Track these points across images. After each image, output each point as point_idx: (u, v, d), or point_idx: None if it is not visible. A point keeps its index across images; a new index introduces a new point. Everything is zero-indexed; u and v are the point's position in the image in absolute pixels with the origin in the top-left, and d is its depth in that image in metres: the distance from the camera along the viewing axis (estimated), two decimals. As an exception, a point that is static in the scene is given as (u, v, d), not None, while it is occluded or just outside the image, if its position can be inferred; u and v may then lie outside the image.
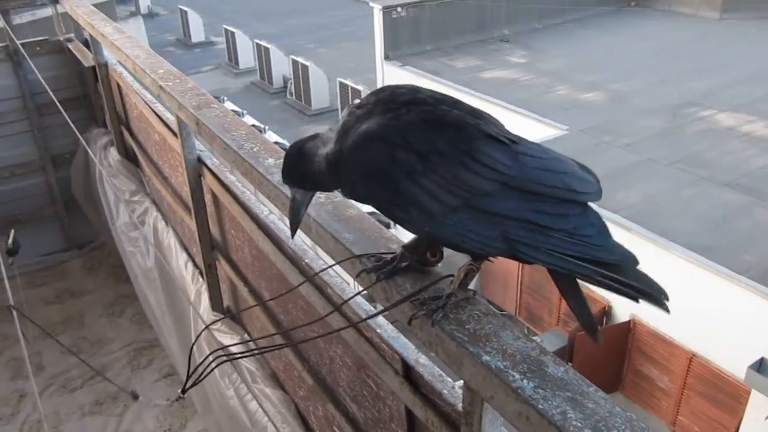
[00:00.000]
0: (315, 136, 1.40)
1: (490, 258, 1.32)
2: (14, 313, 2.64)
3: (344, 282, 2.14)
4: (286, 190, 1.84)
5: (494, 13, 17.70)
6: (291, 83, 19.46)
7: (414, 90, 1.33)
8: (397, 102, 1.30)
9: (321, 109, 18.66)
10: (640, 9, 19.73)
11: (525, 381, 1.19)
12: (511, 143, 1.25)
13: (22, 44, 4.97)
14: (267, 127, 14.00)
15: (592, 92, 14.43)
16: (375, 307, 2.17)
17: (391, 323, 1.93)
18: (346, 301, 1.96)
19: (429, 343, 1.37)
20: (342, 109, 16.33)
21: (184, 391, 2.05)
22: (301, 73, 18.69)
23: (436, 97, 1.31)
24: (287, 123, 18.18)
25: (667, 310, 1.18)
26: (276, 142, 2.99)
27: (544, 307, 10.81)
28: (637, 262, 1.22)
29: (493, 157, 1.22)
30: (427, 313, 1.35)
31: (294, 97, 19.34)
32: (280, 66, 20.25)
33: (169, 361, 4.62)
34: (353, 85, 16.61)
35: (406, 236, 1.51)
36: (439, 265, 1.50)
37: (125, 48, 3.42)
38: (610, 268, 1.21)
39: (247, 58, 22.00)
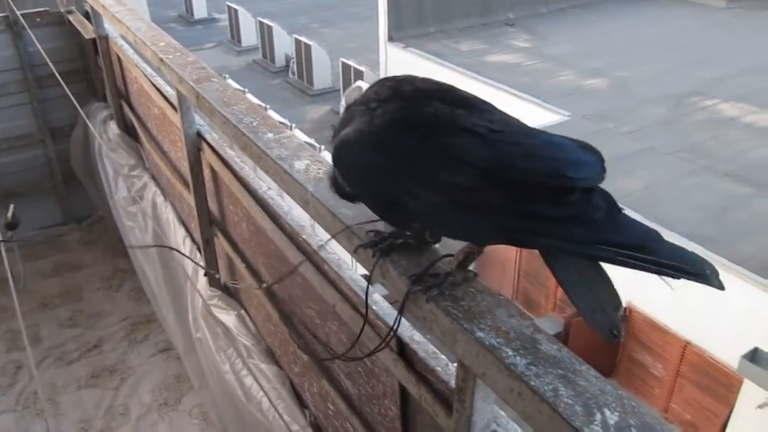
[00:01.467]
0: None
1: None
2: (11, 283, 2.64)
3: (341, 259, 2.14)
4: (286, 166, 1.84)
5: (500, -3, 17.57)
6: (293, 62, 19.35)
7: (403, 81, 1.30)
8: (378, 100, 1.28)
9: (323, 90, 18.56)
10: (649, -5, 19.58)
11: (518, 358, 1.19)
12: (490, 132, 1.20)
13: (22, 15, 4.93)
14: (268, 106, 13.93)
15: (596, 79, 14.35)
16: (371, 284, 2.16)
17: (389, 302, 1.94)
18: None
19: (424, 319, 1.37)
20: (344, 90, 16.25)
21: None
22: (303, 53, 18.57)
23: (423, 88, 1.28)
24: (288, 102, 18.11)
25: (718, 285, 1.11)
26: (278, 122, 2.98)
27: (541, 292, 10.85)
28: (660, 239, 1.16)
29: (467, 150, 1.18)
30: (423, 289, 1.35)
31: (296, 76, 19.24)
32: (283, 45, 20.12)
33: (166, 336, 4.64)
34: (356, 66, 16.51)
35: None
36: (437, 245, 1.50)
37: (126, 20, 3.39)
38: (634, 249, 1.15)
39: (249, 36, 21.84)
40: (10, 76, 5.19)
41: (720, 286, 1.11)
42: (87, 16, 4.81)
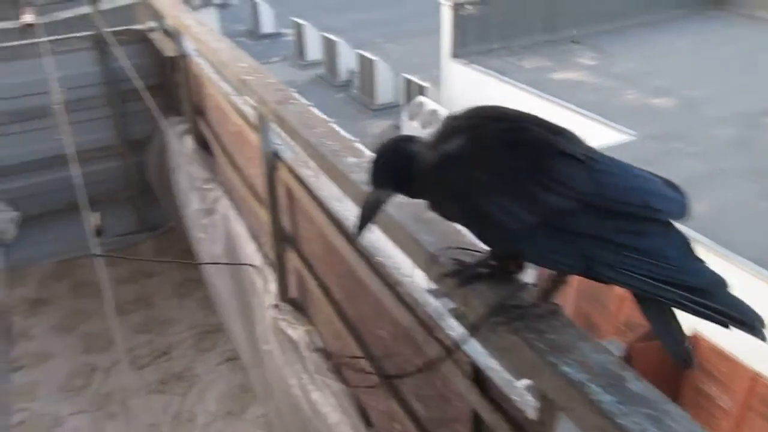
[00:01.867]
0: (409, 139, 1.42)
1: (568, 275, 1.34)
2: (105, 288, 2.79)
3: (417, 283, 2.16)
4: (365, 187, 1.89)
5: (565, 14, 17.38)
6: (356, 77, 19.57)
7: (500, 108, 1.35)
8: (481, 118, 1.33)
9: (385, 104, 18.68)
10: (719, 13, 19.04)
11: (605, 395, 1.19)
12: (588, 160, 1.25)
13: (107, 33, 5.18)
14: (331, 120, 14.15)
15: (663, 97, 14.02)
16: (439, 302, 2.19)
17: (464, 327, 1.95)
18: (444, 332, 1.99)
19: (506, 349, 1.38)
20: (407, 104, 16.32)
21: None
22: (367, 68, 18.76)
23: (520, 115, 1.33)
24: (351, 116, 18.31)
25: (763, 338, 1.16)
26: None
27: (602, 315, 10.59)
28: (726, 286, 1.20)
29: (570, 175, 1.23)
30: (507, 320, 1.36)
31: (359, 91, 19.45)
32: (347, 59, 20.37)
33: (232, 346, 4.76)
34: (418, 82, 16.59)
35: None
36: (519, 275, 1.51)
37: (208, 40, 3.53)
38: (695, 293, 1.18)
39: (314, 50, 22.22)
40: (95, 91, 5.46)
41: (763, 338, 1.17)
42: (168, 34, 5.03)
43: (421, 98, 15.77)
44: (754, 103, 13.19)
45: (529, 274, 1.47)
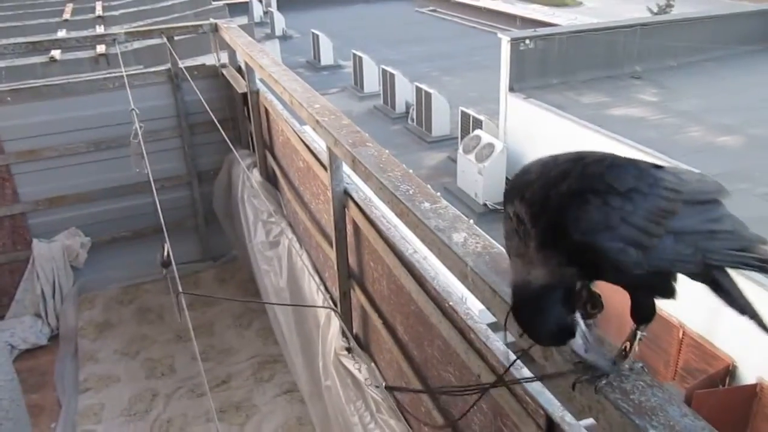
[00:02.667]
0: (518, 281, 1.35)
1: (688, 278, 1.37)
2: (178, 313, 2.88)
3: (488, 329, 2.16)
4: (445, 237, 1.91)
5: (626, 49, 17.21)
6: (413, 109, 19.77)
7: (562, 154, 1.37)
8: (561, 161, 1.33)
9: (441, 137, 18.79)
10: (788, 49, 18.54)
11: (694, 460, 1.17)
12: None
13: (182, 68, 5.41)
14: (387, 152, 14.30)
15: (729, 135, 13.68)
16: (507, 343, 2.17)
17: (537, 377, 1.94)
18: (508, 368, 1.99)
19: (589, 408, 1.37)
20: (461, 138, 16.37)
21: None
22: (423, 100, 18.95)
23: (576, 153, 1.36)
24: (407, 148, 18.46)
25: None
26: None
27: (660, 358, 10.27)
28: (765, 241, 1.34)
29: (671, 181, 1.31)
30: (591, 378, 1.35)
31: (415, 123, 19.63)
32: (404, 92, 20.63)
33: (291, 378, 4.80)
34: (475, 115, 16.64)
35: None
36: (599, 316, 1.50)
37: (282, 81, 3.64)
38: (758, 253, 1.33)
39: (372, 82, 22.59)
40: (168, 123, 5.68)
41: None
42: (239, 70, 5.20)
43: (478, 131, 15.79)
44: (824, 143, 12.76)
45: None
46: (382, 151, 2.57)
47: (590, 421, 1.42)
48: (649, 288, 1.35)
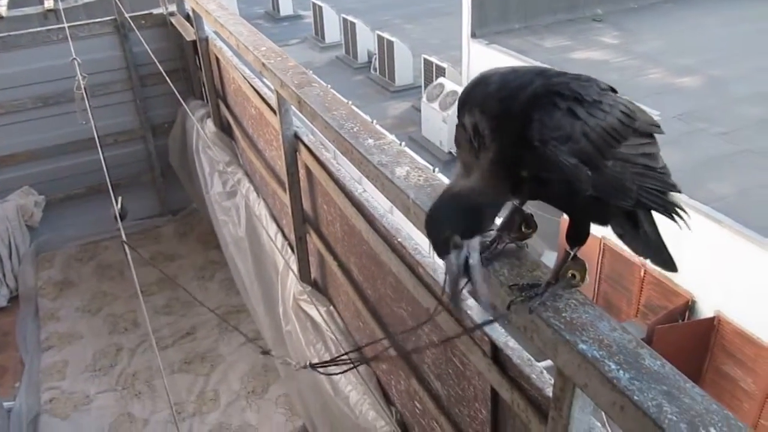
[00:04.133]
0: (450, 187, 1.33)
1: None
2: (126, 248, 2.84)
3: (437, 263, 2.18)
4: (387, 172, 1.91)
5: (587, -8, 17.13)
6: (375, 59, 19.52)
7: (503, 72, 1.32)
8: (522, 72, 1.28)
9: (404, 86, 18.64)
10: (746, -11, 18.63)
11: (621, 372, 1.21)
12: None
13: (128, 17, 5.23)
14: (350, 102, 14.15)
15: (688, 77, 13.81)
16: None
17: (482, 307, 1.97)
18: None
19: (524, 328, 1.40)
20: (425, 86, 16.26)
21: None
22: (385, 49, 18.71)
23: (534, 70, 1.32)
24: (370, 98, 18.30)
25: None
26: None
27: (623, 297, 10.56)
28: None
29: (626, 106, 1.28)
30: (525, 299, 1.38)
31: (378, 72, 19.41)
32: (366, 41, 20.33)
33: (255, 326, 4.82)
34: (438, 63, 16.49)
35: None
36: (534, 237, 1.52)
37: (228, 24, 3.55)
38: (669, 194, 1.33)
39: (333, 32, 22.19)
40: (117, 75, 5.52)
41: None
42: (188, 18, 5.05)
43: (441, 79, 15.68)
44: (781, 82, 12.96)
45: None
46: (327, 90, 2.53)
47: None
48: (587, 213, 1.34)
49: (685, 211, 1.35)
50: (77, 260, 5.86)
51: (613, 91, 1.32)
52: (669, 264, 1.42)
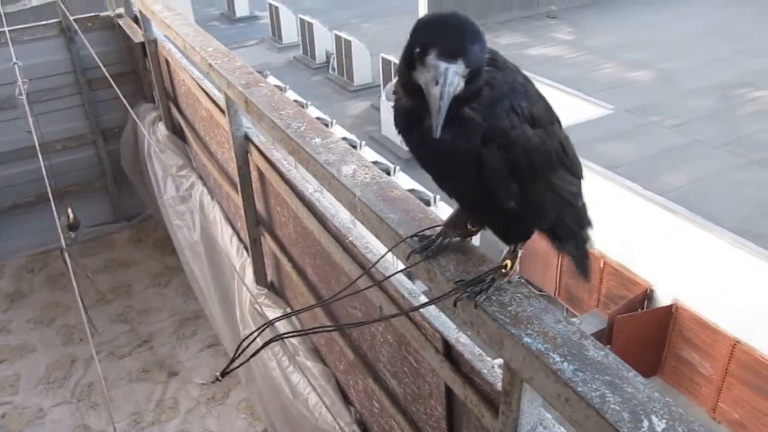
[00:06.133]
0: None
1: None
2: (74, 280, 2.76)
3: (387, 261, 2.17)
4: (334, 171, 1.89)
5: (541, -11, 17.34)
6: (333, 58, 19.44)
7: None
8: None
9: (363, 85, 18.61)
10: (696, -15, 19.06)
11: (565, 363, 1.21)
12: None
13: (74, 20, 5.09)
14: (309, 102, 14.05)
15: (640, 71, 14.07)
16: (415, 284, 2.22)
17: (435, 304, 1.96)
18: (387, 277, 2.00)
19: (471, 323, 1.40)
20: (384, 85, 16.26)
21: (224, 374, 1.99)
22: (343, 49, 18.65)
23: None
24: (329, 98, 18.22)
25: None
26: (318, 118, 3.02)
27: (584, 288, 10.72)
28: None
29: (566, 138, 1.35)
30: (470, 294, 1.38)
31: (336, 72, 19.34)
32: (323, 41, 20.24)
33: (213, 332, 4.75)
34: (396, 61, 16.50)
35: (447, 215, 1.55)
36: (480, 235, 1.54)
37: (175, 25, 3.48)
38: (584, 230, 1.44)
39: (290, 32, 22.02)
40: (64, 80, 5.36)
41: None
42: (136, 20, 4.94)
43: (399, 78, 15.68)
44: (731, 75, 13.28)
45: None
46: (274, 90, 2.50)
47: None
48: (497, 221, 1.40)
49: (593, 248, 1.47)
50: (28, 271, 5.69)
51: (559, 124, 1.36)
52: (583, 272, 1.49)
